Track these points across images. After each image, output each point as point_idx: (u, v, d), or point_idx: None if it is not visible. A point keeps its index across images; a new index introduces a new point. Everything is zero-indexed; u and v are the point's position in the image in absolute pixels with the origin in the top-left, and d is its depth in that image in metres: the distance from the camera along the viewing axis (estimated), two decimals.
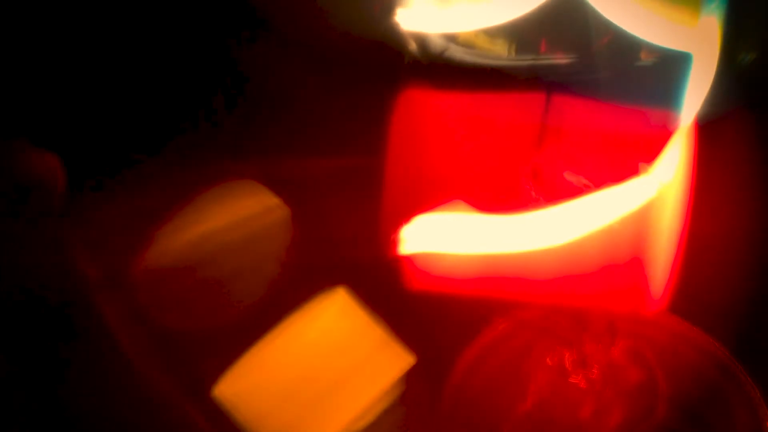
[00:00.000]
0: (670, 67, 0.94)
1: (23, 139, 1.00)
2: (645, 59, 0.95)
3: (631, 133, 0.96)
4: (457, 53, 0.98)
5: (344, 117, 1.14)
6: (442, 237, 0.99)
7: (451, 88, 1.00)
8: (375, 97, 1.04)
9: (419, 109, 1.02)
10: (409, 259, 1.01)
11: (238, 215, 1.14)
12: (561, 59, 0.97)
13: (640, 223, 0.95)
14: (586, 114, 0.97)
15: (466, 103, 1.00)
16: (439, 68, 0.99)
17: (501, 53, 0.98)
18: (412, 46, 0.99)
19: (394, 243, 1.00)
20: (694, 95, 0.94)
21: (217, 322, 1.09)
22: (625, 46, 0.93)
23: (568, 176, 0.98)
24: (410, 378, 1.07)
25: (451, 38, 0.98)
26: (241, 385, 1.05)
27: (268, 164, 1.16)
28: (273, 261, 1.14)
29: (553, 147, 0.98)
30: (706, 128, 0.96)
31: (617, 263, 0.96)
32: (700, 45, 0.93)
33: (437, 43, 0.99)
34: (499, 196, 0.99)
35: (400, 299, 1.05)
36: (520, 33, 0.96)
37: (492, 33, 0.97)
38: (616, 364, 1.06)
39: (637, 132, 0.96)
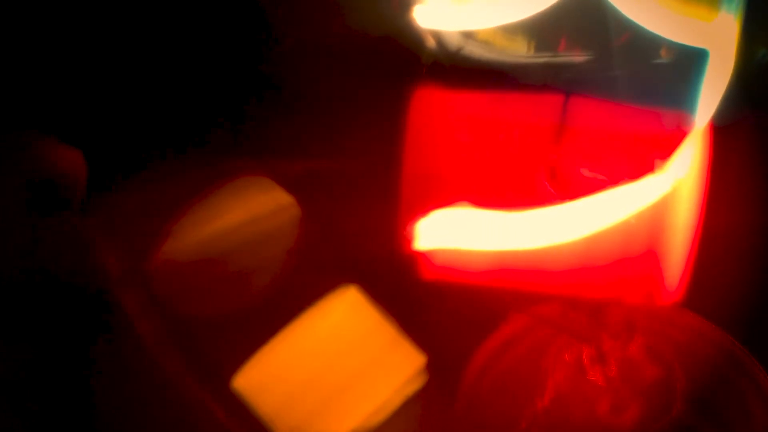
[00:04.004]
0: (687, 65, 0.94)
1: (46, 133, 1.01)
2: (662, 57, 0.96)
3: (647, 131, 0.96)
4: (475, 51, 0.99)
5: (360, 115, 1.14)
6: (457, 233, 0.99)
7: (468, 86, 1.00)
8: (391, 95, 1.04)
9: (436, 107, 1.02)
10: (423, 256, 1.01)
11: (251, 212, 1.14)
12: (579, 57, 0.97)
13: (656, 219, 0.95)
14: (604, 112, 0.97)
15: (483, 101, 1.01)
16: (457, 66, 0.99)
17: (519, 51, 0.98)
18: (430, 43, 0.99)
19: (408, 240, 1.01)
20: (711, 93, 0.94)
21: (230, 317, 1.09)
22: (643, 44, 0.94)
23: (585, 173, 0.98)
24: (425, 375, 1.07)
25: (469, 36, 0.98)
26: (259, 378, 1.05)
27: (282, 161, 1.16)
28: (285, 258, 1.14)
29: (571, 145, 0.99)
30: (722, 126, 0.97)
31: (633, 258, 0.96)
32: (716, 42, 0.94)
33: (455, 41, 0.99)
34: (516, 194, 0.99)
35: (415, 296, 1.05)
36: (538, 31, 0.97)
37: (510, 31, 0.97)
38: (633, 361, 1.07)
39: (653, 129, 0.96)
